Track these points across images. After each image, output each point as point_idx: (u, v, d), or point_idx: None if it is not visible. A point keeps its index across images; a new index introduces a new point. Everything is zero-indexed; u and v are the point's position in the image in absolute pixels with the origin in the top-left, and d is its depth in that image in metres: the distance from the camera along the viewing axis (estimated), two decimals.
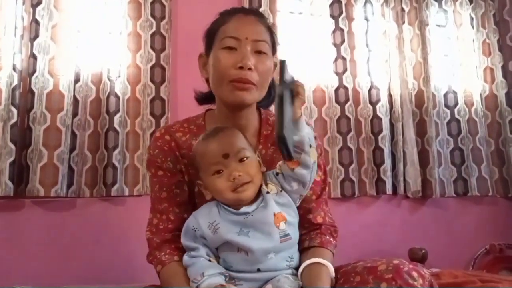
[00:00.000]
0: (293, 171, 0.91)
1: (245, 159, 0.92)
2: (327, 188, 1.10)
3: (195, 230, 0.92)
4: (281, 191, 0.95)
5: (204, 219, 0.92)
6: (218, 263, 0.92)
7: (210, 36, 1.05)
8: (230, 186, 0.90)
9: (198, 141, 0.98)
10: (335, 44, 2.33)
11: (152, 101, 1.95)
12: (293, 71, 0.91)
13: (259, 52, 1.00)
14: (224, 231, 0.90)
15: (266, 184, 0.95)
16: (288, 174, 0.93)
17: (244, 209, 0.91)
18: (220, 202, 0.94)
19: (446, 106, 2.50)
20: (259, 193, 0.94)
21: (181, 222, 1.00)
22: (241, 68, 0.96)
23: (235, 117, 1.03)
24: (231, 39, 0.99)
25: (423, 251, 2.07)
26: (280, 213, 0.92)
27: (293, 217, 0.95)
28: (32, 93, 1.74)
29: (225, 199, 0.92)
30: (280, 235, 0.91)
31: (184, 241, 0.95)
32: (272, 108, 1.18)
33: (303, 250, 0.99)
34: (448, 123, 2.48)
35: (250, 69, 0.96)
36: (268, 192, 0.94)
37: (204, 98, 1.15)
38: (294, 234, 0.95)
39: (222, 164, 0.91)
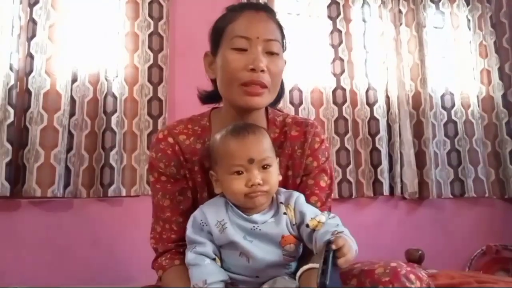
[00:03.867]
0: None
1: (268, 167, 0.89)
2: (332, 194, 1.05)
3: (202, 225, 0.89)
4: (294, 224, 0.90)
5: (212, 216, 0.89)
6: (221, 261, 0.89)
7: (217, 34, 0.97)
8: (246, 190, 0.87)
9: (222, 135, 0.91)
10: (332, 45, 2.33)
11: (149, 101, 1.94)
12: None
13: (270, 53, 0.94)
14: (232, 232, 0.87)
15: (287, 205, 0.91)
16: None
17: (255, 216, 0.89)
18: (230, 202, 0.91)
19: (443, 107, 2.51)
20: (272, 202, 0.92)
21: (184, 232, 0.94)
22: (252, 70, 0.91)
23: (243, 119, 0.98)
24: (241, 39, 0.93)
25: (420, 252, 2.07)
26: (289, 236, 0.89)
27: (299, 242, 0.91)
28: (29, 93, 1.73)
29: (236, 201, 0.89)
30: (284, 254, 0.88)
31: (191, 234, 0.89)
32: (279, 106, 1.15)
33: (302, 255, 0.96)
34: (445, 124, 2.50)
35: (262, 71, 0.91)
36: (285, 213, 0.90)
37: (208, 97, 1.09)
38: (299, 253, 0.91)
39: (244, 167, 0.87)
